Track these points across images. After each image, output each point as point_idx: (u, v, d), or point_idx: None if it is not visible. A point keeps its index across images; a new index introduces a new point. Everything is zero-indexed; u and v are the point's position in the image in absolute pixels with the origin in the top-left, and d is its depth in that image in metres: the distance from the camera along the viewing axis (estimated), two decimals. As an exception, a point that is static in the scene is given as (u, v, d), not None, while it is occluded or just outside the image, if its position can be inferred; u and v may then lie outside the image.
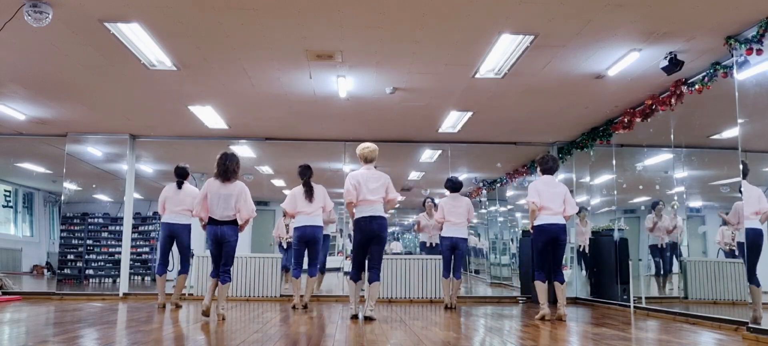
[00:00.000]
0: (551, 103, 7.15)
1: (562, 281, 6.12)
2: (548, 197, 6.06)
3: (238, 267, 8.59)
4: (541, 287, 6.15)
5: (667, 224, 7.42)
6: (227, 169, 5.67)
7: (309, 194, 6.83)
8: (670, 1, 4.46)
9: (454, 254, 7.37)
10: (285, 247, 10.61)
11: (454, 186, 7.51)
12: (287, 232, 10.30)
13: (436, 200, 10.86)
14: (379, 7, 4.58)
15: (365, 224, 5.78)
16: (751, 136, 5.10)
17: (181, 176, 7.14)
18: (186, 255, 7.21)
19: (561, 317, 5.92)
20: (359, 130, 8.67)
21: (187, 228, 7.11)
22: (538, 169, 6.37)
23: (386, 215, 5.93)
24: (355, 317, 5.82)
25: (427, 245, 9.42)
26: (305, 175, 6.93)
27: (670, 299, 7.12)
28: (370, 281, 5.91)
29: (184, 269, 7.23)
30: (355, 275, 5.98)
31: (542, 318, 5.90)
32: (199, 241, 9.94)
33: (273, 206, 13.97)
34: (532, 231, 6.24)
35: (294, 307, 6.99)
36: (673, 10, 4.61)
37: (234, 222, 5.71)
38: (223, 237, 5.67)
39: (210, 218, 5.69)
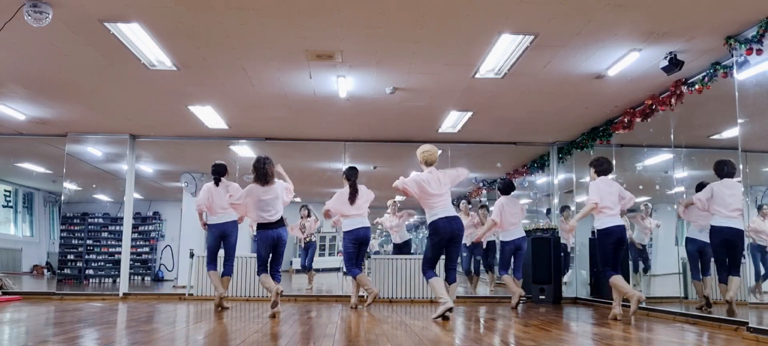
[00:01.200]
0: (551, 103, 7.15)
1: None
2: (610, 198, 6.06)
3: (239, 267, 8.59)
4: (620, 281, 6.03)
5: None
6: (266, 173, 5.84)
7: (353, 196, 6.93)
8: (670, 1, 4.46)
9: (515, 255, 7.54)
10: (303, 247, 10.61)
11: (506, 188, 7.52)
12: (302, 232, 10.34)
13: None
14: (379, 7, 4.58)
15: (444, 225, 5.77)
16: (751, 136, 5.10)
17: (220, 173, 6.95)
18: (232, 255, 6.99)
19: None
20: (359, 130, 8.67)
21: (235, 225, 6.94)
22: (592, 171, 6.27)
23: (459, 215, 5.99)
24: (447, 314, 5.69)
25: (484, 245, 9.71)
26: (352, 177, 7.04)
27: (671, 299, 7.12)
28: (450, 282, 5.97)
29: (229, 270, 6.96)
30: (433, 273, 5.88)
31: (615, 318, 5.94)
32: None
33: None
34: (595, 233, 6.25)
35: (353, 307, 7.06)
36: (673, 10, 4.61)
37: (282, 221, 5.99)
38: (280, 239, 5.96)
39: (262, 223, 5.89)
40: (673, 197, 7.18)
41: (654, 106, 6.65)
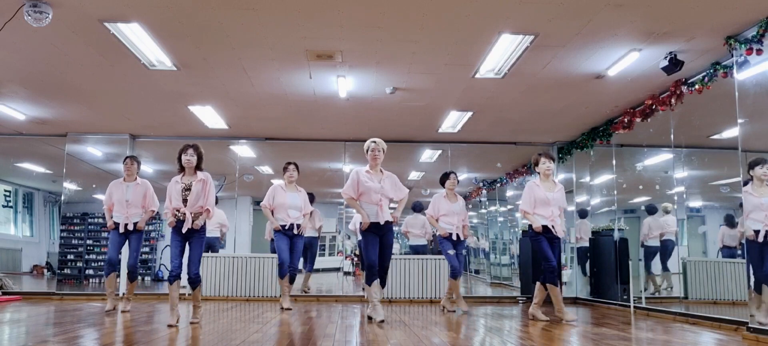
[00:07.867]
0: (551, 103, 7.15)
1: None
2: None
3: (239, 267, 8.59)
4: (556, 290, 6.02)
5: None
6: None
7: None
8: (670, 1, 4.46)
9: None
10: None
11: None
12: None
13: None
14: (379, 7, 4.58)
15: None
16: (751, 136, 5.10)
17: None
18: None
19: None
20: (359, 130, 8.67)
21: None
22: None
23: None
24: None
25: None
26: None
27: (670, 299, 7.12)
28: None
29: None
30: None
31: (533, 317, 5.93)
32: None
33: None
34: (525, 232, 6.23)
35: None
36: (673, 10, 4.61)
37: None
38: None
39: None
40: (672, 197, 7.18)
41: (654, 106, 6.65)
